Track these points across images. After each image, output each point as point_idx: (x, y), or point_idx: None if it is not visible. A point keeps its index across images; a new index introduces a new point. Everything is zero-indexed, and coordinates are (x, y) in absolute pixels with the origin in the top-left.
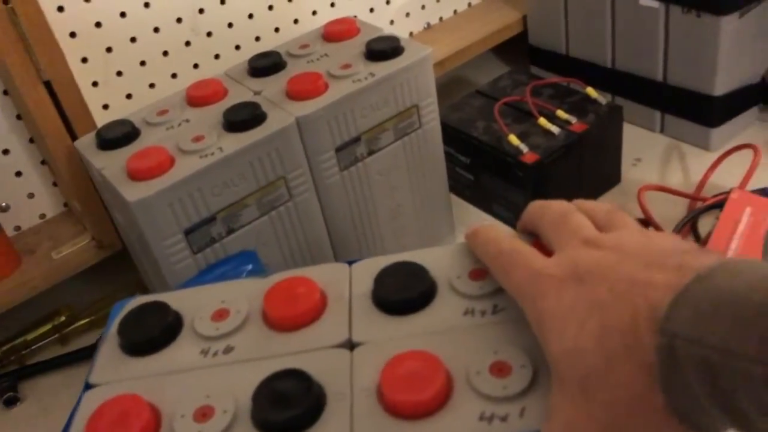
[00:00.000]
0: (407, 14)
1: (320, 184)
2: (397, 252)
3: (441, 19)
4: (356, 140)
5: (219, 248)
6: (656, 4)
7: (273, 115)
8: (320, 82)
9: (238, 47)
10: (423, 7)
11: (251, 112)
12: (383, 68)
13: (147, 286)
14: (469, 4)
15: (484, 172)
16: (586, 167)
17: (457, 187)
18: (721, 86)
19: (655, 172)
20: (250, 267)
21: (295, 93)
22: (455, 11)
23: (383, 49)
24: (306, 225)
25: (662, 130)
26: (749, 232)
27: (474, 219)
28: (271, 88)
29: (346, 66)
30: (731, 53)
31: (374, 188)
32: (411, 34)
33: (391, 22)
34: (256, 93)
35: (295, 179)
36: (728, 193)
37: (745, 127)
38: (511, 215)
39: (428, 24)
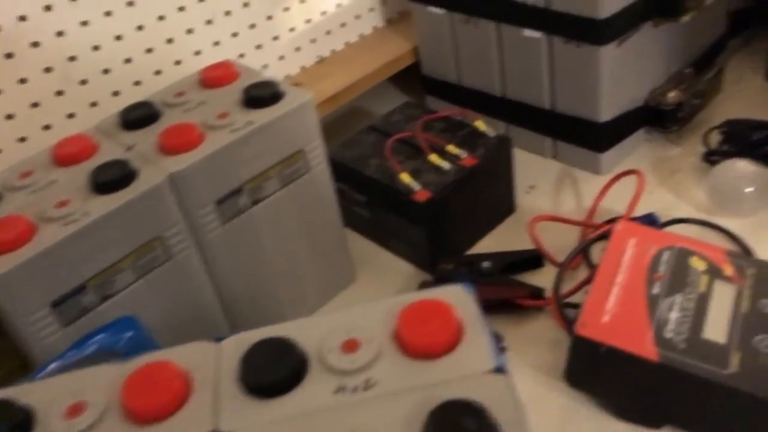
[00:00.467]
0: (297, 49)
1: (201, 240)
2: (295, 302)
3: (333, 51)
4: (238, 191)
5: (94, 317)
6: (539, 35)
7: (144, 172)
8: (195, 133)
9: (116, 93)
10: (313, 40)
11: (120, 171)
12: (262, 116)
13: None
14: (361, 36)
15: (380, 209)
16: (480, 200)
17: (355, 224)
18: (606, 112)
19: (549, 199)
20: (130, 333)
21: (169, 147)
22: (347, 43)
23: (262, 96)
24: (189, 285)
25: (555, 156)
26: (634, 262)
27: (373, 256)
28: (143, 141)
29: (223, 115)
30: (613, 80)
31: (263, 238)
32: (303, 68)
33: (281, 57)
34: (128, 148)
35: (172, 238)
36: (615, 220)
37: (633, 149)
38: (409, 251)
39: (320, 57)
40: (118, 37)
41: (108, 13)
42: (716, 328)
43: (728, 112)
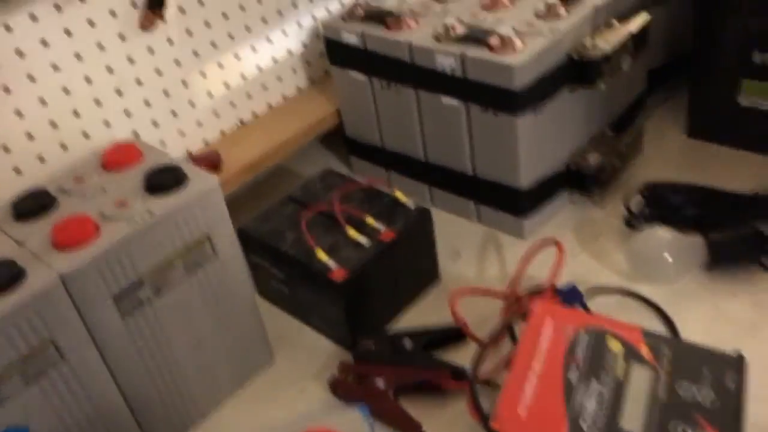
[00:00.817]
0: (216, 114)
1: (99, 337)
2: (208, 390)
3: (255, 114)
4: (138, 283)
5: None
6: (456, 103)
7: (33, 272)
8: (89, 227)
9: (18, 171)
10: (233, 104)
11: (6, 273)
12: (163, 204)
13: None
14: (284, 97)
15: (298, 285)
16: (400, 273)
17: (274, 298)
18: (526, 178)
19: (474, 265)
20: None
21: (61, 242)
22: (269, 105)
23: (164, 182)
24: (89, 386)
25: (479, 219)
26: (551, 346)
27: (293, 332)
28: (36, 235)
29: (122, 203)
30: (532, 147)
31: (169, 329)
32: (222, 133)
33: (198, 123)
34: (19, 243)
35: (65, 339)
36: (537, 292)
37: (557, 212)
38: (329, 328)
39: (241, 121)
40: (19, 113)
41: (6, 90)
42: (632, 417)
43: (651, 171)
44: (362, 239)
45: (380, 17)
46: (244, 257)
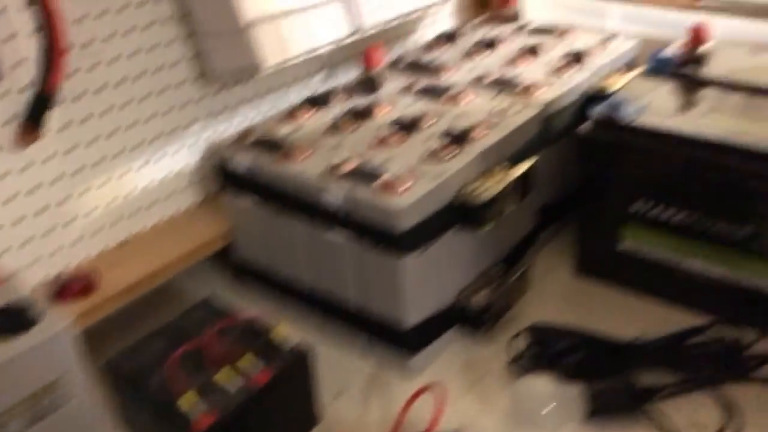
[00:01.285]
0: (96, 233)
1: None
2: None
3: (139, 233)
4: None
5: None
6: (342, 239)
7: None
8: None
9: None
10: (115, 222)
11: None
12: (5, 350)
13: None
14: (172, 216)
15: (164, 431)
16: (275, 418)
17: None
18: (413, 317)
19: (357, 406)
20: None
21: None
22: (156, 223)
23: (9, 323)
24: None
25: (365, 356)
26: None
27: None
28: None
29: None
30: (418, 287)
31: None
32: (102, 252)
33: (77, 240)
34: None
35: None
36: None
37: (445, 349)
38: None
39: (124, 241)
40: None
41: None
42: None
43: (539, 309)
44: (235, 380)
45: (272, 145)
46: (113, 391)
